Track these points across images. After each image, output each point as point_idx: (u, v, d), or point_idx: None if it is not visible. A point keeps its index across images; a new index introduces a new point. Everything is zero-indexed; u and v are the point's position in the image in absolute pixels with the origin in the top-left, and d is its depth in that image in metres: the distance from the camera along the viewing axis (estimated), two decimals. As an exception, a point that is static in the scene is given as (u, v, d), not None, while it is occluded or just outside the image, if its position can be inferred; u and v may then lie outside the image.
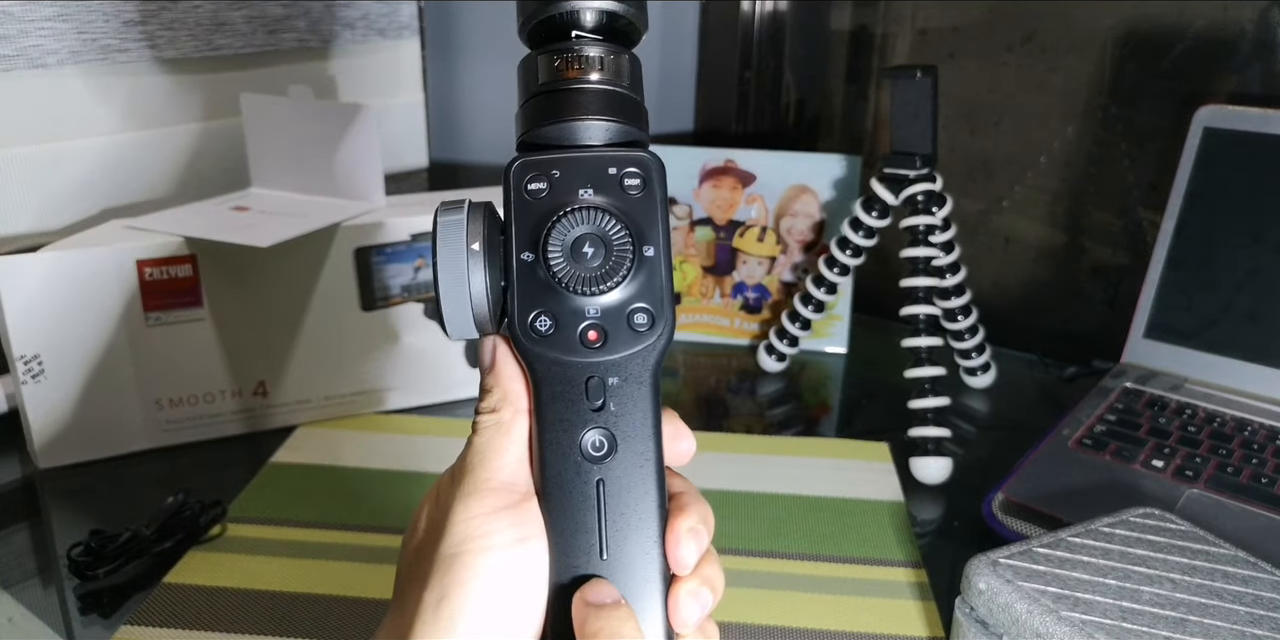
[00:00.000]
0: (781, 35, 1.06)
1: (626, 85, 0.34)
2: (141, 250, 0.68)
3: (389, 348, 0.76)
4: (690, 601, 0.31)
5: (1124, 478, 0.64)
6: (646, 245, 0.32)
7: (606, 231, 0.32)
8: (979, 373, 0.86)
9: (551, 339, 0.32)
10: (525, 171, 0.32)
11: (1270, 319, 0.69)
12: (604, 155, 0.33)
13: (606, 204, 0.32)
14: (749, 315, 0.95)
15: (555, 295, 0.32)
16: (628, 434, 0.32)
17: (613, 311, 0.32)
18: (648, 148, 0.34)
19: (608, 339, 0.32)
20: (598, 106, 0.33)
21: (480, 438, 0.32)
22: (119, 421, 0.70)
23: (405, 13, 1.02)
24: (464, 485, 0.31)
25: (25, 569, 0.60)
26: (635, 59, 0.34)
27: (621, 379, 0.32)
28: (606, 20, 0.33)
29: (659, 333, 0.32)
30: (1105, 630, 0.44)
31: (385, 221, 0.74)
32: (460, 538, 0.30)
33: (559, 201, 0.32)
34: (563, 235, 0.32)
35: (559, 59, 0.33)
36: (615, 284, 0.32)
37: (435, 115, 1.07)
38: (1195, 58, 0.80)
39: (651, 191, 0.32)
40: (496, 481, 0.31)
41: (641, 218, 0.32)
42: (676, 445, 0.33)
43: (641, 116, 0.34)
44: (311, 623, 0.54)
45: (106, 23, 0.80)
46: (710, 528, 0.33)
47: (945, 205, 0.78)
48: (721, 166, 0.93)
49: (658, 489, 0.32)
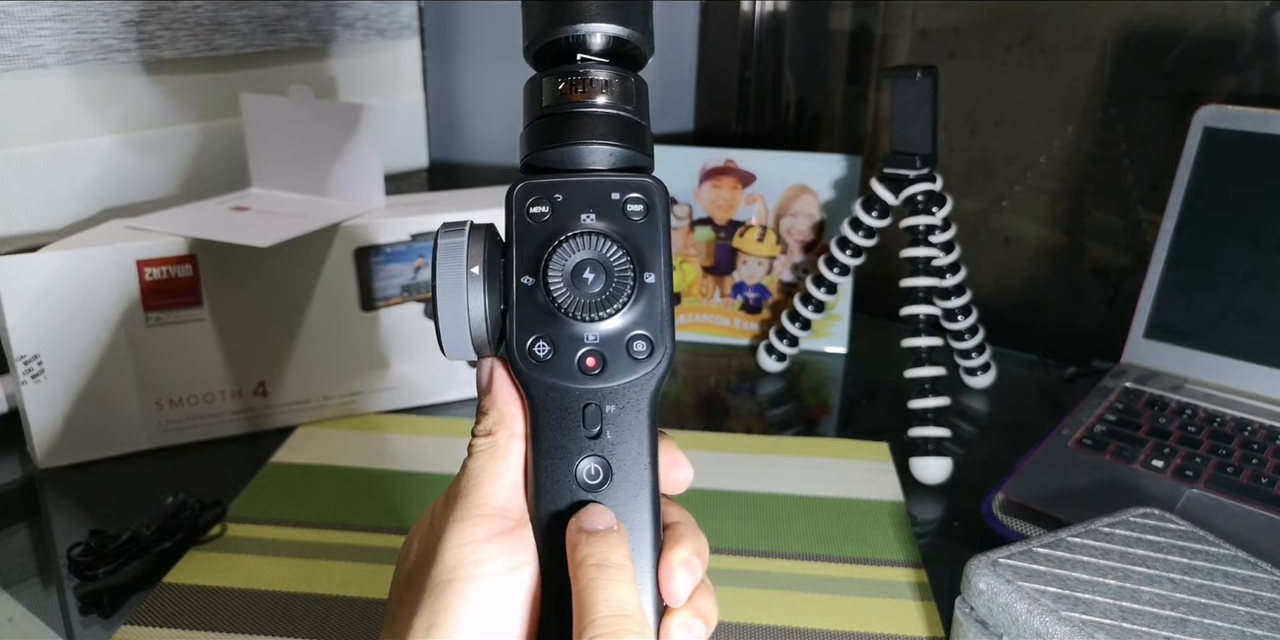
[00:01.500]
0: (781, 35, 1.06)
1: (632, 109, 0.33)
2: (141, 250, 0.68)
3: (389, 348, 0.76)
4: (683, 633, 0.31)
5: (1124, 478, 0.64)
6: (648, 272, 0.32)
7: (608, 257, 0.31)
8: (979, 373, 0.86)
9: (549, 365, 0.31)
10: (527, 195, 0.32)
11: (1270, 319, 0.69)
12: (607, 180, 0.32)
13: (608, 230, 0.32)
14: (749, 315, 0.95)
15: (554, 320, 0.31)
16: (624, 463, 0.32)
17: (612, 338, 0.32)
18: (651, 173, 0.33)
19: (606, 366, 0.32)
20: (602, 131, 0.33)
21: (475, 462, 0.32)
22: (119, 421, 0.70)
23: (405, 13, 1.02)
24: (456, 510, 0.31)
25: (25, 569, 0.60)
26: (641, 83, 0.34)
27: (619, 407, 0.32)
28: (613, 44, 0.33)
29: (658, 361, 0.32)
30: (1105, 630, 0.44)
31: (385, 221, 0.74)
32: (451, 565, 0.30)
33: (560, 226, 0.32)
34: (563, 260, 0.31)
35: (564, 82, 0.33)
36: (615, 311, 0.31)
37: (435, 115, 1.07)
38: (1195, 58, 0.80)
39: (654, 218, 0.32)
40: (490, 507, 0.31)
41: (643, 244, 0.32)
42: (673, 474, 0.33)
43: (646, 141, 0.34)
44: (311, 623, 0.54)
45: (106, 23, 0.80)
46: (705, 559, 0.32)
47: (945, 205, 0.78)
48: (721, 166, 0.93)
49: (653, 519, 0.32)
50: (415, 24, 1.03)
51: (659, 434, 0.32)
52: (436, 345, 0.32)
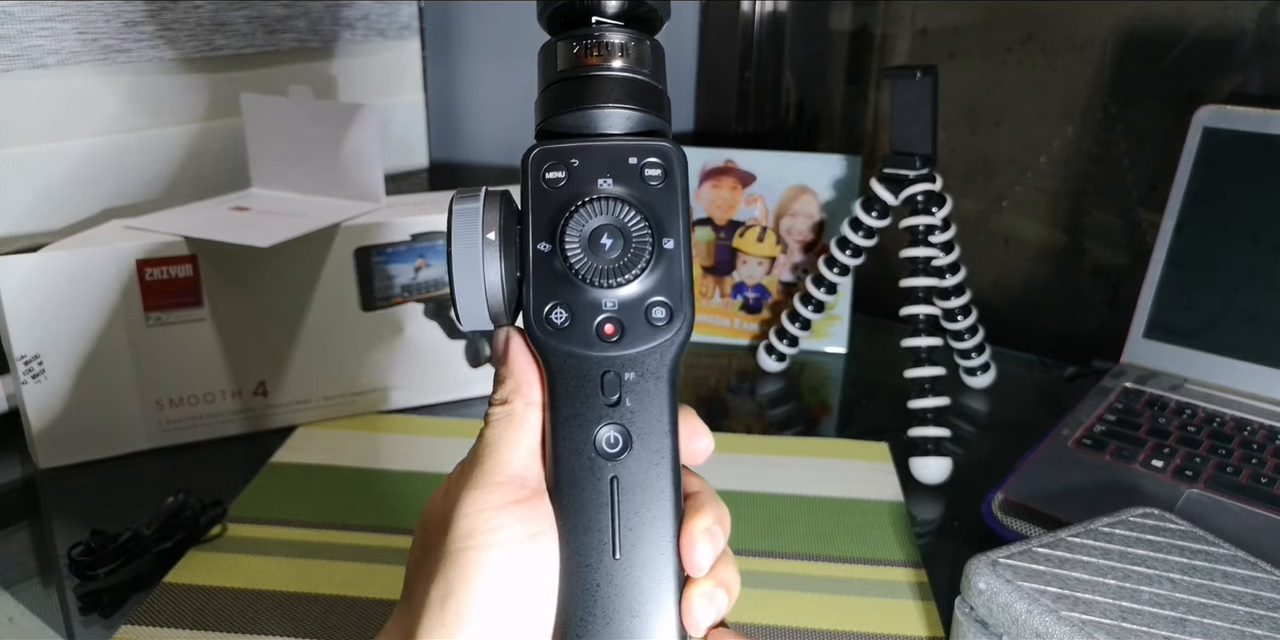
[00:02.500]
0: (781, 35, 1.06)
1: (648, 73, 0.33)
2: (141, 250, 0.68)
3: (389, 348, 0.76)
4: (704, 604, 0.30)
5: (1124, 478, 0.64)
6: (666, 237, 0.31)
7: (625, 222, 0.31)
8: (979, 373, 0.86)
9: (567, 332, 0.31)
10: (543, 160, 0.32)
11: (1270, 319, 0.69)
12: (624, 144, 0.32)
13: (626, 194, 0.31)
14: (749, 315, 0.95)
15: (571, 287, 0.31)
16: (643, 431, 0.31)
17: (630, 305, 0.31)
18: (669, 137, 0.33)
19: (625, 333, 0.31)
20: (618, 94, 0.32)
21: (491, 430, 0.31)
22: (119, 421, 0.70)
23: (405, 13, 1.02)
24: (472, 478, 0.30)
25: (25, 569, 0.60)
26: (658, 46, 0.33)
27: (638, 374, 0.31)
28: (628, 6, 0.33)
29: (677, 327, 0.31)
30: (1105, 630, 0.44)
31: (385, 221, 0.74)
32: (466, 532, 0.29)
33: (577, 191, 0.31)
34: (580, 226, 0.31)
35: (579, 45, 0.32)
36: (633, 276, 0.31)
37: (435, 115, 1.07)
38: (1195, 58, 0.80)
39: (673, 182, 0.32)
40: (505, 475, 0.30)
41: (662, 209, 0.31)
42: (694, 443, 0.32)
43: (664, 105, 0.33)
44: (311, 623, 0.54)
45: (107, 23, 0.80)
46: (726, 528, 0.32)
47: (945, 205, 0.78)
48: (721, 166, 0.93)
49: (673, 488, 0.31)
50: (415, 24, 1.03)
51: (679, 403, 0.32)
52: (436, 345, 0.32)
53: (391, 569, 0.59)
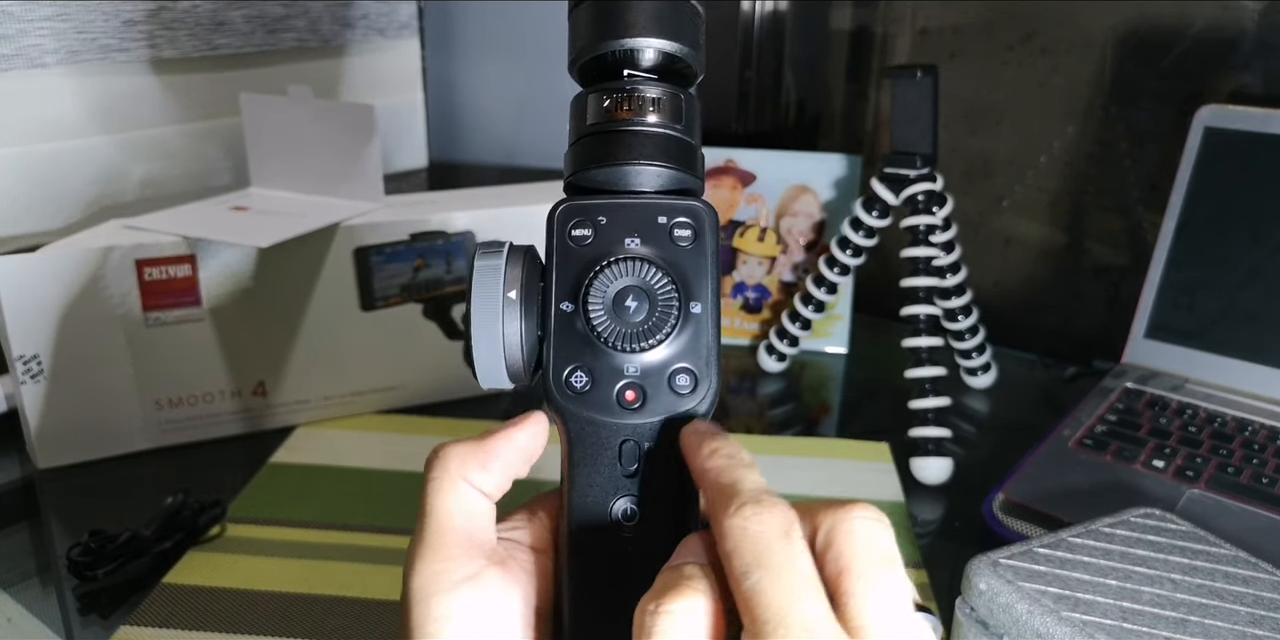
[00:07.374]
0: (781, 35, 1.06)
1: (681, 128, 0.32)
2: (141, 250, 0.68)
3: (389, 348, 0.76)
4: None
5: (1125, 478, 0.64)
6: (694, 301, 0.30)
7: (652, 285, 0.30)
8: (979, 373, 0.86)
9: (586, 396, 0.30)
10: (570, 216, 0.31)
11: (1270, 319, 0.69)
12: (654, 203, 0.31)
13: (653, 255, 0.30)
14: (749, 315, 0.95)
15: (593, 350, 0.30)
16: (656, 505, 0.30)
17: (653, 371, 0.30)
18: (701, 196, 0.32)
19: (646, 400, 0.30)
20: (650, 151, 0.31)
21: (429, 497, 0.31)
22: (119, 421, 0.70)
23: (405, 12, 1.02)
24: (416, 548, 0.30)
25: (25, 569, 0.60)
26: (692, 100, 0.32)
27: (658, 445, 0.30)
28: (663, 61, 0.32)
29: (701, 396, 0.30)
30: (1106, 630, 0.44)
31: (385, 221, 0.74)
32: (417, 590, 0.29)
33: (603, 250, 0.30)
34: (605, 287, 0.30)
35: (610, 99, 0.31)
36: (658, 341, 0.30)
37: (435, 115, 1.07)
38: (1195, 58, 0.80)
39: (703, 244, 0.30)
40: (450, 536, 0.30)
41: (690, 271, 0.30)
42: None
43: (696, 162, 0.32)
44: (311, 623, 0.54)
45: (106, 22, 0.80)
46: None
47: (945, 205, 0.78)
48: (721, 166, 0.93)
49: None
50: (415, 23, 1.03)
51: None
52: (436, 345, 0.32)
53: (391, 569, 0.59)
